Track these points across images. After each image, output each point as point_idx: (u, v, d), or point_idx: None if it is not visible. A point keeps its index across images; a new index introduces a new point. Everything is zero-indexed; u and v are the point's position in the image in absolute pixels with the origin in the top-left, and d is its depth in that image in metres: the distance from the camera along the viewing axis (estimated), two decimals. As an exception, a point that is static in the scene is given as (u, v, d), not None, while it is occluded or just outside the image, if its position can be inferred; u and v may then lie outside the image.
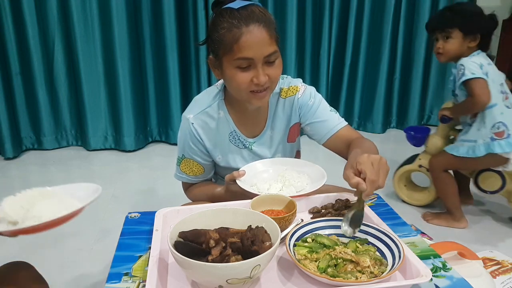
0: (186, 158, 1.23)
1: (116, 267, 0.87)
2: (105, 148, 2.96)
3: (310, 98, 1.23)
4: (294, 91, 1.23)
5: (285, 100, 1.23)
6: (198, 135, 1.19)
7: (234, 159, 1.24)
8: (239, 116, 1.21)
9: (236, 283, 0.72)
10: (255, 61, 1.03)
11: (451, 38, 1.81)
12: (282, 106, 1.24)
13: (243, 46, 1.02)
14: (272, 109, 1.23)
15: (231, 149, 1.23)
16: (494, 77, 1.81)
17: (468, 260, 1.21)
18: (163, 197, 2.23)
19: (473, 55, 1.81)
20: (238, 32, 1.01)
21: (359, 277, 0.77)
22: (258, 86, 1.06)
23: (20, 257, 1.24)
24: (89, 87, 2.82)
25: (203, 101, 1.21)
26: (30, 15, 2.66)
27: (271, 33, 1.03)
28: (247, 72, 1.05)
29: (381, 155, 0.94)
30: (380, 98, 3.20)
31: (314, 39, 3.05)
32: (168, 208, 1.03)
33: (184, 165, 1.24)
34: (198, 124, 1.18)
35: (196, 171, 1.24)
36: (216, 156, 1.23)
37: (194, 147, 1.20)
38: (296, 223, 0.94)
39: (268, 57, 1.04)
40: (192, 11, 2.78)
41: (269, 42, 1.03)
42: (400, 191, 2.18)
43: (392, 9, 2.99)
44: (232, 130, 1.22)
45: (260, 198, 0.99)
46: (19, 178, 2.56)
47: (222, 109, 1.20)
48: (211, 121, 1.19)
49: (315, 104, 1.22)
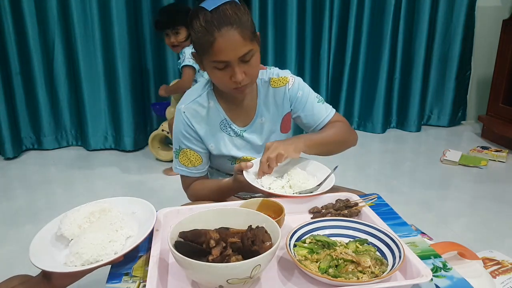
0: (183, 149, 1.24)
1: (116, 267, 0.87)
2: (105, 148, 2.96)
3: (298, 90, 1.25)
4: (284, 81, 1.25)
5: (275, 90, 1.25)
6: (190, 123, 1.20)
7: (226, 147, 1.25)
8: (229, 105, 1.23)
9: (237, 283, 0.72)
10: (231, 62, 1.06)
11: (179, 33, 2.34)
12: (272, 95, 1.26)
13: (217, 51, 1.04)
14: (261, 97, 1.25)
15: (223, 137, 1.24)
16: None
17: (468, 260, 1.21)
18: (163, 197, 2.24)
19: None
20: (211, 37, 1.03)
21: (361, 277, 0.77)
22: (236, 83, 1.09)
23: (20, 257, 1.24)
24: (89, 87, 2.82)
25: (193, 92, 1.24)
26: (30, 15, 2.66)
27: (244, 33, 1.04)
28: (225, 71, 1.08)
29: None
30: (380, 98, 3.20)
31: (314, 39, 3.05)
32: (168, 208, 1.03)
33: (182, 156, 1.24)
34: (189, 113, 1.20)
35: (195, 161, 1.24)
36: (209, 144, 1.23)
37: (188, 135, 1.22)
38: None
39: (243, 57, 1.06)
40: (192, 11, 2.78)
41: (243, 43, 1.05)
42: (155, 152, 2.75)
43: (392, 9, 2.99)
44: (223, 119, 1.23)
45: (248, 203, 0.99)
46: (19, 178, 2.56)
47: (212, 99, 1.22)
48: (202, 109, 1.21)
49: (303, 96, 1.25)
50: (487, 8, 3.20)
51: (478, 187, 2.33)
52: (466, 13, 3.09)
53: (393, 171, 2.56)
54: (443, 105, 3.34)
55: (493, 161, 2.65)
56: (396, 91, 3.25)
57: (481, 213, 2.04)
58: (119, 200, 1.03)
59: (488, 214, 2.03)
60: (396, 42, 3.10)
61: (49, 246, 0.89)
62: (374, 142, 3.10)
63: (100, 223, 0.91)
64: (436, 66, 3.26)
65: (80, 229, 0.90)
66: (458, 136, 3.21)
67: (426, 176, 2.50)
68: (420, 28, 3.10)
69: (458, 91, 3.29)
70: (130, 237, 0.91)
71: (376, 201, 1.07)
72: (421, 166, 2.68)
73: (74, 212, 0.94)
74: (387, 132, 3.29)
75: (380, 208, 1.07)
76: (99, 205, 0.96)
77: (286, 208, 0.97)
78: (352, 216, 1.00)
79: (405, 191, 2.29)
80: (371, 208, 1.02)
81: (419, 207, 2.11)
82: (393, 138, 3.20)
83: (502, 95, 2.90)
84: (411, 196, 2.22)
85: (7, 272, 0.97)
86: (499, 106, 2.92)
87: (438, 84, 3.30)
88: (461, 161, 2.60)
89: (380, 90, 3.18)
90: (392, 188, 2.31)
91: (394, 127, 3.35)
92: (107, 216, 0.93)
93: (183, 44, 2.38)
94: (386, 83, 3.16)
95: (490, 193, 2.24)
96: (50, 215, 0.97)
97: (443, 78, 3.27)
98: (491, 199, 2.16)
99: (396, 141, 3.13)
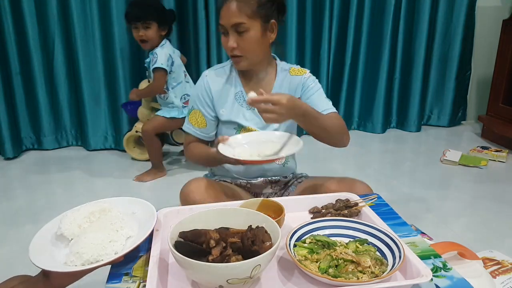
0: (194, 109, 1.39)
1: (116, 267, 0.87)
2: (105, 148, 2.96)
3: (312, 82, 1.37)
4: (302, 72, 1.39)
5: (292, 77, 1.38)
6: (208, 84, 1.35)
7: (235, 115, 1.37)
8: (247, 81, 1.38)
9: (237, 283, 0.72)
10: (227, 28, 1.25)
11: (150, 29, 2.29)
12: (288, 81, 1.38)
13: (221, 15, 1.26)
14: (278, 81, 1.38)
15: (235, 106, 1.37)
16: (178, 62, 2.41)
17: (468, 260, 1.21)
18: (163, 197, 2.24)
19: (163, 45, 2.33)
20: (221, 3, 1.26)
21: (361, 277, 0.77)
22: (229, 50, 1.27)
23: (20, 257, 1.24)
24: (89, 87, 2.82)
25: (221, 62, 1.45)
26: (30, 15, 2.66)
27: (241, 7, 1.22)
28: (225, 37, 1.27)
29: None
30: (380, 98, 3.20)
31: (314, 39, 3.05)
32: (168, 208, 1.03)
33: (192, 116, 1.39)
34: (210, 76, 1.37)
35: (200, 123, 1.38)
36: (220, 108, 1.36)
37: (202, 99, 1.36)
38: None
39: (235, 26, 1.23)
40: (192, 11, 2.79)
41: (237, 14, 1.22)
42: (130, 152, 2.75)
43: (392, 9, 2.99)
44: (238, 90, 1.37)
45: (248, 203, 0.99)
46: (19, 178, 2.56)
47: (234, 71, 1.38)
48: (223, 75, 1.38)
49: (314, 88, 1.36)
50: (487, 8, 3.20)
51: (478, 187, 2.33)
52: (466, 13, 3.09)
53: (393, 171, 2.56)
54: (443, 105, 3.34)
55: (493, 161, 2.65)
56: (396, 91, 3.24)
57: (481, 213, 2.04)
58: (119, 200, 1.03)
59: (488, 214, 2.03)
60: (396, 42, 3.10)
61: (49, 246, 0.89)
62: (374, 142, 3.10)
63: (101, 223, 0.91)
64: (436, 66, 3.26)
65: (80, 228, 0.90)
66: (458, 136, 3.21)
67: (426, 176, 2.50)
68: (420, 28, 3.10)
69: (458, 91, 3.29)
70: (130, 237, 0.91)
71: (376, 201, 1.07)
72: (421, 166, 2.68)
73: (74, 211, 0.95)
74: (387, 132, 3.29)
75: (380, 208, 1.07)
76: (99, 205, 0.96)
77: (286, 208, 0.97)
78: (352, 216, 1.00)
79: (405, 191, 2.29)
80: (371, 208, 1.02)
81: (419, 207, 2.11)
82: (393, 138, 3.20)
83: (502, 95, 2.90)
84: (411, 196, 2.22)
85: (7, 272, 0.97)
86: (499, 106, 2.92)
87: (438, 84, 3.30)
88: (461, 161, 2.60)
89: (380, 90, 3.18)
90: (392, 188, 2.31)
91: (394, 127, 3.35)
92: (107, 216, 0.93)
93: (153, 41, 2.33)
94: (386, 83, 3.16)
95: (490, 193, 2.24)
96: (50, 215, 0.97)
97: (443, 78, 3.27)
98: (491, 199, 2.16)
99: (396, 141, 3.13)
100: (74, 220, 0.91)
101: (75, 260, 0.82)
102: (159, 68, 2.30)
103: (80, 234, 0.88)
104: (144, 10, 2.28)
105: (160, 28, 2.32)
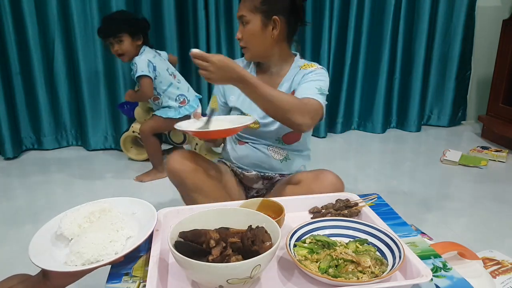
0: (214, 95, 1.53)
1: (116, 267, 0.87)
2: (105, 148, 2.96)
3: (313, 74, 1.37)
4: (309, 66, 1.42)
5: (301, 71, 1.42)
6: None
7: (242, 104, 1.43)
8: (261, 72, 1.46)
9: (237, 283, 0.72)
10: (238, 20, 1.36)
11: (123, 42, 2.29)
12: (297, 75, 1.41)
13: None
14: (290, 75, 1.42)
15: (242, 95, 1.34)
16: (162, 65, 2.38)
17: (468, 260, 1.21)
18: (163, 197, 2.23)
19: (142, 53, 2.34)
20: None
21: (361, 277, 0.77)
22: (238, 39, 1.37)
23: (20, 257, 1.24)
24: (89, 87, 2.82)
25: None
26: (30, 15, 2.65)
27: (246, 2, 1.32)
28: None
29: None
30: (380, 98, 3.19)
31: (314, 39, 3.05)
32: (168, 208, 1.03)
33: (212, 100, 1.54)
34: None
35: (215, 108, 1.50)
36: (231, 95, 1.46)
37: (221, 87, 1.49)
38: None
39: (240, 18, 1.34)
40: (192, 11, 2.79)
41: (242, 7, 1.33)
42: (128, 152, 2.75)
43: (392, 9, 2.99)
44: None
45: (248, 203, 0.99)
46: (19, 178, 2.56)
47: (253, 64, 1.47)
48: (240, 63, 1.45)
49: (310, 78, 1.36)
50: (487, 8, 3.20)
51: (478, 187, 2.33)
52: (466, 13, 3.09)
53: (393, 171, 2.56)
54: (443, 105, 3.34)
55: (493, 161, 2.65)
56: (396, 91, 3.24)
57: (481, 213, 2.04)
58: (119, 200, 1.03)
59: (488, 214, 2.03)
60: (396, 42, 3.10)
61: (49, 245, 0.89)
62: (374, 142, 3.10)
63: (101, 223, 0.91)
64: (436, 66, 3.26)
65: (80, 228, 0.90)
66: (458, 136, 3.21)
67: (426, 176, 2.50)
68: (420, 28, 3.10)
69: (458, 91, 3.29)
70: (131, 237, 0.91)
71: (376, 201, 1.07)
72: (421, 166, 2.68)
73: (74, 211, 0.95)
74: (387, 132, 3.29)
75: (380, 208, 1.07)
76: (99, 205, 0.97)
77: (286, 208, 0.97)
78: (352, 216, 1.00)
79: (405, 191, 2.29)
80: (371, 208, 1.02)
81: (419, 207, 2.11)
82: (393, 138, 3.20)
83: (502, 95, 2.90)
84: (411, 196, 2.22)
85: (7, 272, 0.97)
86: (499, 106, 2.92)
87: (438, 84, 3.30)
88: (461, 161, 2.60)
89: (380, 90, 3.18)
90: (392, 188, 2.31)
91: (394, 127, 3.35)
92: (107, 216, 0.93)
93: (129, 53, 2.31)
94: (386, 83, 3.16)
95: (490, 193, 2.24)
96: (50, 215, 0.97)
97: (443, 78, 3.27)
98: (491, 199, 2.16)
99: (396, 141, 3.13)
100: (74, 220, 0.91)
101: (75, 260, 0.82)
102: (142, 76, 2.30)
103: (80, 234, 0.88)
104: (113, 25, 2.28)
105: (134, 39, 2.31)
